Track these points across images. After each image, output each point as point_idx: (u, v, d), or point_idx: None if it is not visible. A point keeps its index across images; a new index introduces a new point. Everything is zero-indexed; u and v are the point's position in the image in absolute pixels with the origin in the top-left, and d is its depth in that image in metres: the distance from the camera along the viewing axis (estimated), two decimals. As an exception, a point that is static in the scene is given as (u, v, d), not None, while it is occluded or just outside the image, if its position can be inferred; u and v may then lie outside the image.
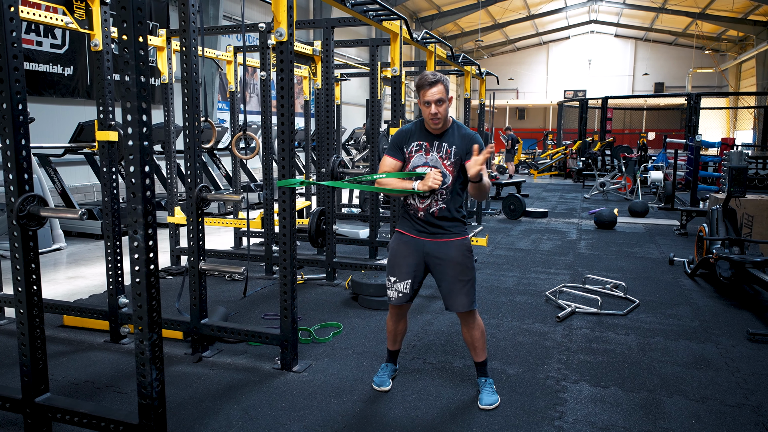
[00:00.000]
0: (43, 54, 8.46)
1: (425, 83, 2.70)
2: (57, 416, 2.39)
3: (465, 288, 2.81)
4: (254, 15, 14.61)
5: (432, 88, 2.69)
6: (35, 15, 3.79)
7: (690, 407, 2.91)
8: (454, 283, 2.81)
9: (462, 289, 2.81)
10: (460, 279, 2.81)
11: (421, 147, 2.83)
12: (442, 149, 2.80)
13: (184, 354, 3.49)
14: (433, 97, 2.69)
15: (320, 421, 2.71)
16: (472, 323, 2.89)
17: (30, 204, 2.30)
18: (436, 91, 2.69)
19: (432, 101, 2.70)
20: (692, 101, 14.58)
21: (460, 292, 2.81)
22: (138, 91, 2.04)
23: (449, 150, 2.79)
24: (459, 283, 2.81)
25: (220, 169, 10.02)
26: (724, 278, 4.74)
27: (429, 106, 2.72)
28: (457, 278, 2.80)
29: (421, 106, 2.75)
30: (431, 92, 2.69)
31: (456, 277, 2.80)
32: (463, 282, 2.81)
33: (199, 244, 3.40)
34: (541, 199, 12.22)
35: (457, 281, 2.80)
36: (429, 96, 2.70)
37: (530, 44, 33.80)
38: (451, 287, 2.82)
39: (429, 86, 2.70)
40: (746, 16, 23.12)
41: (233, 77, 6.55)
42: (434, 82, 2.69)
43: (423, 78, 2.72)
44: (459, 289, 2.81)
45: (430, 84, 2.69)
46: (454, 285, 2.81)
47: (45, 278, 5.00)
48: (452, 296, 2.83)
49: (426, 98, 2.71)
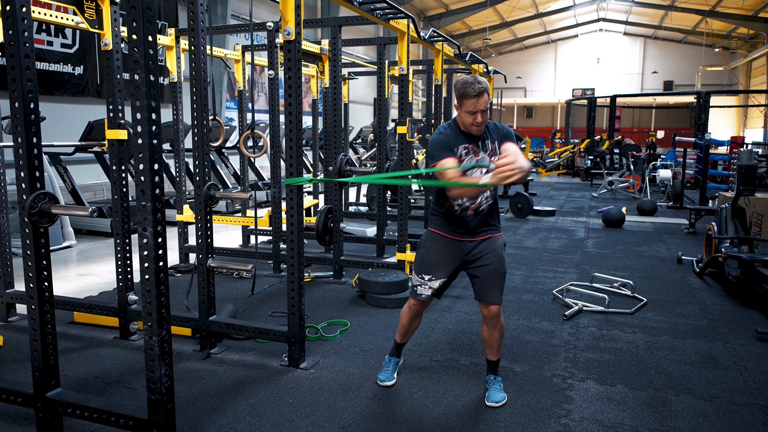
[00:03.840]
0: (53, 53, 8.54)
1: (473, 93, 2.66)
2: (68, 411, 2.42)
3: (501, 282, 2.88)
4: (262, 14, 14.66)
5: (480, 98, 2.67)
6: (46, 15, 3.83)
7: (697, 406, 2.90)
8: (494, 276, 2.85)
9: (498, 283, 2.87)
10: (498, 272, 2.86)
11: (469, 150, 2.82)
12: (487, 148, 2.82)
13: (192, 351, 3.52)
14: (481, 106, 2.69)
15: (327, 418, 2.73)
16: (497, 321, 2.92)
17: (41, 201, 2.33)
18: (483, 101, 2.68)
19: (478, 110, 2.69)
20: (702, 99, 14.48)
21: (496, 285, 2.86)
22: (147, 90, 2.06)
23: (493, 147, 2.83)
24: (497, 276, 2.86)
25: (229, 168, 10.07)
26: (732, 277, 4.72)
27: (475, 115, 2.71)
28: (497, 271, 2.86)
29: (463, 113, 2.73)
30: (479, 102, 2.68)
31: (496, 270, 2.86)
32: (500, 275, 2.87)
33: (207, 242, 3.42)
34: (549, 197, 12.18)
35: (495, 274, 2.86)
36: (477, 105, 2.68)
37: (538, 42, 33.68)
38: (490, 280, 2.86)
39: (477, 96, 2.66)
40: (757, 14, 22.93)
41: (241, 76, 6.58)
42: (481, 91, 2.67)
43: (470, 87, 2.67)
44: (496, 282, 2.86)
45: (478, 94, 2.66)
46: (493, 278, 2.85)
47: (56, 275, 5.05)
48: (489, 288, 2.86)
49: (474, 107, 2.68)
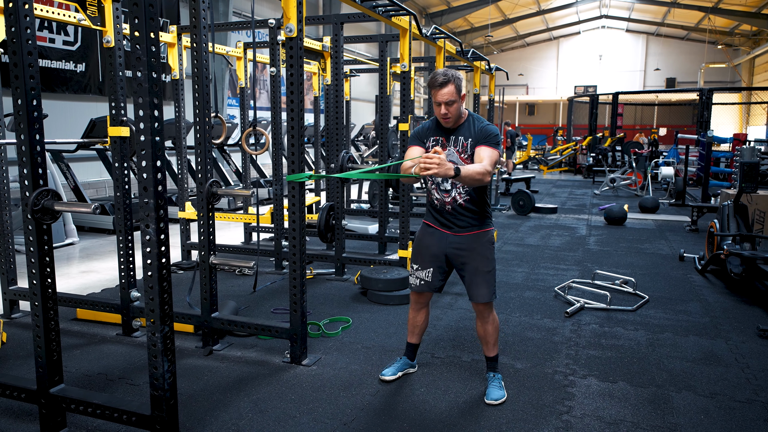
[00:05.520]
0: (56, 51, 8.54)
1: (435, 83, 2.71)
2: (71, 407, 2.43)
3: (486, 278, 2.86)
4: (264, 11, 14.65)
5: (442, 89, 2.70)
6: (48, 12, 3.83)
7: (699, 403, 2.90)
8: (476, 274, 2.85)
9: (483, 280, 2.86)
10: (481, 270, 2.85)
11: (438, 142, 2.85)
12: (458, 143, 2.82)
13: (194, 347, 3.53)
14: (443, 98, 2.70)
15: (329, 414, 2.74)
16: (487, 316, 2.92)
17: (44, 198, 2.34)
18: (446, 92, 2.70)
19: (442, 102, 2.71)
20: (704, 96, 14.44)
21: (481, 283, 2.85)
22: (150, 87, 2.06)
23: (465, 143, 2.81)
24: (480, 274, 2.85)
25: (231, 165, 10.08)
26: (734, 274, 4.71)
27: (440, 107, 2.74)
28: (478, 269, 2.85)
29: (434, 104, 2.76)
30: (441, 93, 2.70)
31: (477, 268, 2.85)
32: (483, 273, 2.85)
33: (209, 239, 3.43)
34: (551, 195, 12.17)
35: (478, 272, 2.85)
36: (439, 97, 2.71)
37: (540, 39, 33.59)
38: (473, 278, 2.86)
39: (439, 87, 2.70)
40: (760, 11, 22.83)
41: (243, 73, 6.58)
42: (444, 82, 2.69)
43: (434, 78, 2.73)
44: (480, 280, 2.85)
45: (440, 85, 2.70)
46: (476, 276, 2.85)
47: (58, 272, 5.05)
48: (474, 287, 2.87)
49: (437, 99, 2.72)
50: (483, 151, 2.72)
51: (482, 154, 2.71)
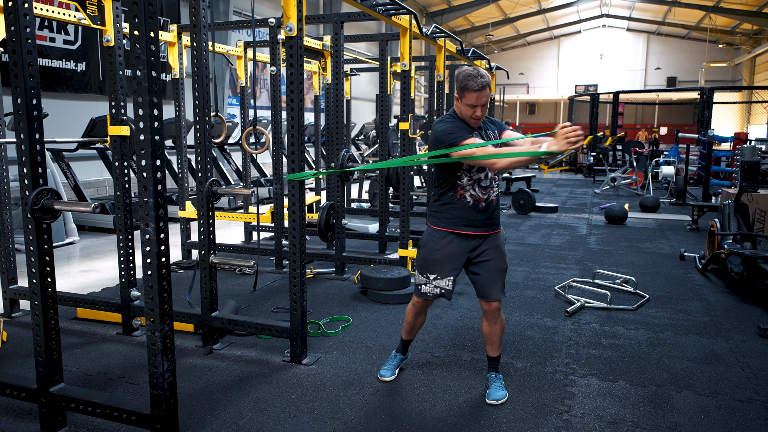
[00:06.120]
0: (56, 50, 8.55)
1: (475, 87, 2.64)
2: (71, 406, 2.43)
3: (502, 277, 2.88)
4: (264, 10, 14.64)
5: (481, 93, 2.65)
6: (48, 11, 3.83)
7: (699, 402, 2.90)
8: (496, 272, 2.85)
9: (501, 278, 2.87)
10: (501, 267, 2.86)
11: (480, 135, 2.81)
12: (490, 138, 2.81)
13: (195, 346, 3.53)
14: (482, 100, 2.67)
15: (329, 413, 2.74)
16: (498, 315, 2.91)
17: (44, 197, 2.34)
18: (485, 94, 2.67)
19: (479, 104, 2.68)
20: (705, 96, 14.43)
21: (499, 281, 2.86)
22: (149, 86, 2.06)
23: (495, 136, 2.83)
24: (500, 272, 2.86)
25: (231, 164, 10.08)
26: (735, 274, 4.71)
27: (475, 108, 2.69)
28: (499, 267, 2.86)
29: (463, 105, 2.70)
30: (481, 95, 2.66)
31: (498, 266, 2.85)
32: (503, 271, 2.87)
33: (209, 238, 3.43)
34: (552, 194, 12.17)
35: (498, 270, 2.85)
36: (478, 99, 2.66)
37: (541, 39, 33.58)
38: (493, 276, 2.84)
39: (479, 90, 2.64)
40: (761, 10, 22.82)
41: (243, 72, 6.58)
42: (485, 85, 2.65)
43: (472, 81, 2.65)
44: (499, 278, 2.85)
45: (480, 88, 2.64)
46: (496, 274, 2.84)
47: (59, 271, 5.06)
48: (491, 285, 2.85)
49: (476, 101, 2.66)
50: (512, 133, 2.82)
51: (514, 135, 2.81)
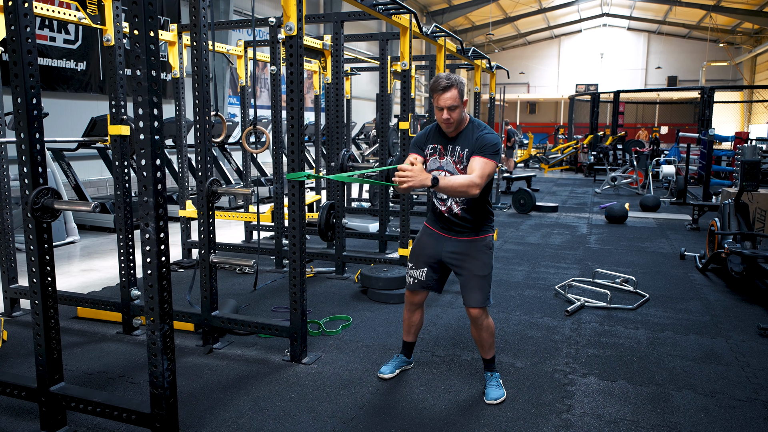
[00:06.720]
0: (56, 49, 8.54)
1: (438, 88, 2.65)
2: (71, 405, 2.43)
3: (479, 283, 2.81)
4: (265, 9, 14.64)
5: (445, 94, 2.64)
6: (49, 10, 3.83)
7: (699, 401, 2.90)
8: (470, 278, 2.81)
9: (476, 285, 2.80)
10: (476, 274, 2.81)
11: (436, 150, 2.81)
12: (455, 153, 2.75)
13: (195, 345, 3.53)
14: (446, 102, 2.64)
15: (329, 412, 2.74)
16: (481, 323, 2.86)
17: (44, 197, 2.34)
18: (448, 97, 2.64)
19: (444, 107, 2.66)
20: (706, 95, 14.43)
21: (474, 288, 2.81)
22: (149, 86, 2.06)
23: (461, 154, 2.73)
24: (474, 278, 2.81)
25: (231, 164, 10.08)
26: (735, 273, 4.71)
27: (441, 111, 2.68)
28: (473, 273, 2.81)
29: (435, 109, 2.71)
30: (443, 98, 2.64)
31: (472, 272, 2.81)
32: (478, 277, 2.81)
33: (209, 238, 3.43)
34: (552, 193, 12.17)
35: (472, 276, 2.81)
36: (441, 102, 2.65)
37: (541, 38, 33.55)
38: (467, 281, 2.83)
39: (442, 91, 2.64)
40: (761, 8, 22.79)
41: (244, 72, 6.58)
42: (447, 87, 2.63)
43: (436, 82, 2.67)
44: (473, 284, 2.81)
45: (443, 89, 2.64)
46: (470, 280, 2.82)
47: (59, 271, 5.07)
48: (467, 290, 2.83)
49: (438, 103, 2.66)
50: (475, 162, 2.65)
51: (474, 165, 2.64)
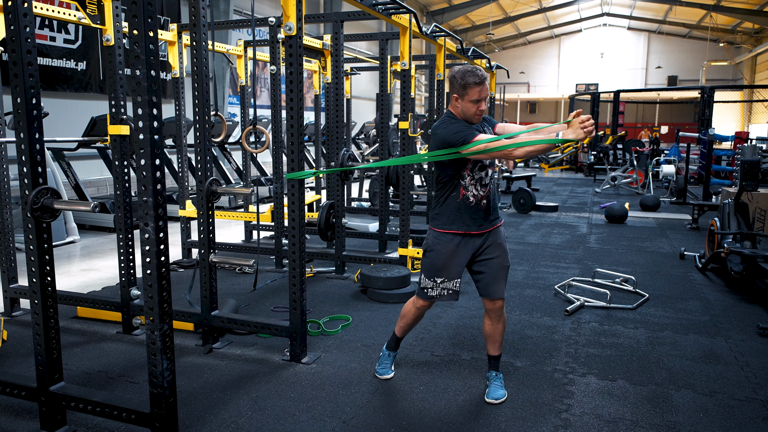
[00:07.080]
0: (56, 49, 8.55)
1: (477, 80, 2.66)
2: (71, 404, 2.43)
3: (506, 275, 2.88)
4: (265, 9, 14.64)
5: (483, 86, 2.68)
6: (49, 10, 3.83)
7: (698, 401, 2.90)
8: (500, 269, 2.85)
9: (504, 276, 2.87)
10: (504, 265, 2.87)
11: None
12: (488, 133, 2.82)
13: (194, 345, 3.53)
14: (483, 95, 2.69)
15: (328, 412, 2.75)
16: (501, 314, 2.90)
17: (44, 197, 2.34)
18: (486, 89, 2.69)
19: (482, 99, 2.70)
20: (706, 94, 14.42)
21: (503, 279, 2.86)
22: (149, 86, 2.06)
23: (490, 132, 2.85)
24: (503, 269, 2.86)
25: (231, 163, 10.08)
26: (735, 273, 4.71)
27: (477, 104, 2.71)
28: (502, 264, 2.86)
29: (466, 102, 2.71)
30: (483, 89, 2.68)
31: (501, 264, 2.85)
32: (506, 268, 2.88)
33: (209, 237, 3.43)
34: (552, 193, 12.17)
35: (501, 267, 2.85)
36: (481, 93, 2.68)
37: (542, 37, 33.55)
38: (497, 274, 2.84)
39: (480, 84, 2.67)
40: (762, 8, 22.79)
41: (244, 72, 6.58)
42: (484, 79, 2.68)
43: (471, 75, 2.67)
44: (502, 276, 2.86)
45: (481, 81, 2.67)
46: (500, 271, 2.85)
47: (59, 270, 5.07)
48: (495, 283, 2.84)
49: (478, 95, 2.68)
50: (507, 125, 2.92)
51: (509, 126, 2.91)
